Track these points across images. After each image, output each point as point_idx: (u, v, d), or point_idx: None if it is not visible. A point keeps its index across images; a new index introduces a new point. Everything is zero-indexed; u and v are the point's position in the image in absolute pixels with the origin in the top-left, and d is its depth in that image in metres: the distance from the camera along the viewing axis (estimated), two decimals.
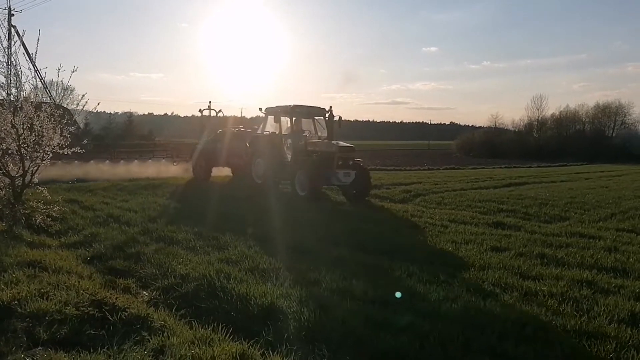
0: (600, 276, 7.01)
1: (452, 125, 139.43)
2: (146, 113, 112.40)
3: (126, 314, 5.03)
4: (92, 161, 22.57)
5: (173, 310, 5.50)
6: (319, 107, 16.85)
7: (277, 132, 16.88)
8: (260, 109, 17.61)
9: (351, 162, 15.33)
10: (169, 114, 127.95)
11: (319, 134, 16.93)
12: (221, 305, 5.55)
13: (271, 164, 16.41)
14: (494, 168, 38.79)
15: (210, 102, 22.93)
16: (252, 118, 24.89)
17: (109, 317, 4.95)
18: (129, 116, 67.02)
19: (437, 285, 6.21)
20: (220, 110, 22.78)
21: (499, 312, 5.29)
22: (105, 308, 5.12)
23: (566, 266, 7.56)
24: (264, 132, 17.47)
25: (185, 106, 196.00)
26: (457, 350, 4.31)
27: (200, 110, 22.41)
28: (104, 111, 66.57)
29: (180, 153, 24.79)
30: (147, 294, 6.26)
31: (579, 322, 5.06)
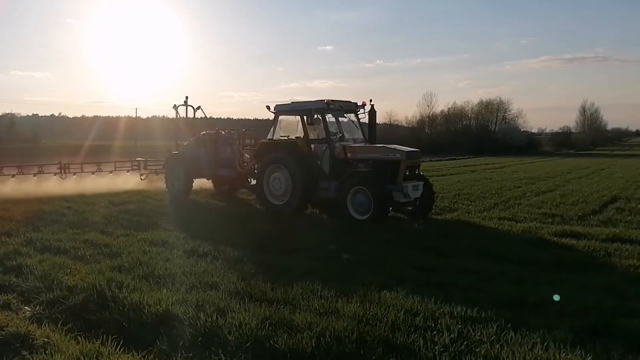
0: (485, 263, 7.51)
1: None
2: (30, 114, 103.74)
3: (3, 332, 4.66)
4: (34, 177, 17.21)
5: (59, 325, 5.16)
6: (350, 102, 13.39)
7: (302, 137, 12.80)
8: (268, 108, 13.42)
9: (417, 171, 12.19)
10: (56, 114, 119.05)
11: (348, 135, 13.41)
12: (112, 316, 5.29)
13: (300, 181, 12.38)
14: None
15: (187, 97, 17.89)
16: (147, 118, 21.65)
17: None
18: (11, 118, 61.94)
19: (335, 282, 6.32)
20: (199, 107, 18.12)
21: (392, 304, 5.48)
22: None
23: (451, 256, 8.01)
24: (279, 137, 13.30)
25: (74, 106, 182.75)
26: (352, 345, 4.41)
27: (174, 107, 17.60)
28: None
29: (148, 164, 19.18)
30: (29, 310, 5.81)
31: (465, 309, 5.36)
